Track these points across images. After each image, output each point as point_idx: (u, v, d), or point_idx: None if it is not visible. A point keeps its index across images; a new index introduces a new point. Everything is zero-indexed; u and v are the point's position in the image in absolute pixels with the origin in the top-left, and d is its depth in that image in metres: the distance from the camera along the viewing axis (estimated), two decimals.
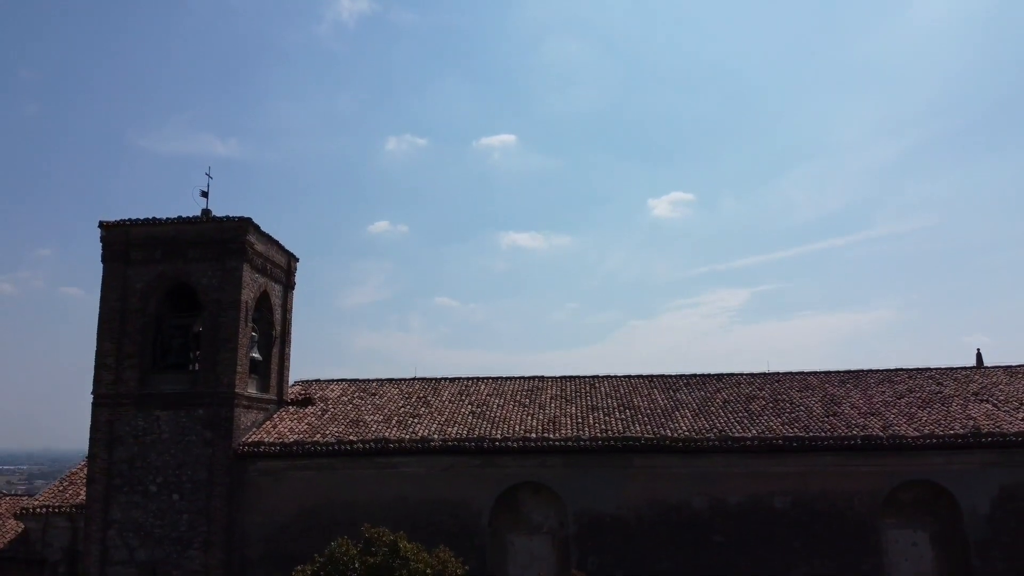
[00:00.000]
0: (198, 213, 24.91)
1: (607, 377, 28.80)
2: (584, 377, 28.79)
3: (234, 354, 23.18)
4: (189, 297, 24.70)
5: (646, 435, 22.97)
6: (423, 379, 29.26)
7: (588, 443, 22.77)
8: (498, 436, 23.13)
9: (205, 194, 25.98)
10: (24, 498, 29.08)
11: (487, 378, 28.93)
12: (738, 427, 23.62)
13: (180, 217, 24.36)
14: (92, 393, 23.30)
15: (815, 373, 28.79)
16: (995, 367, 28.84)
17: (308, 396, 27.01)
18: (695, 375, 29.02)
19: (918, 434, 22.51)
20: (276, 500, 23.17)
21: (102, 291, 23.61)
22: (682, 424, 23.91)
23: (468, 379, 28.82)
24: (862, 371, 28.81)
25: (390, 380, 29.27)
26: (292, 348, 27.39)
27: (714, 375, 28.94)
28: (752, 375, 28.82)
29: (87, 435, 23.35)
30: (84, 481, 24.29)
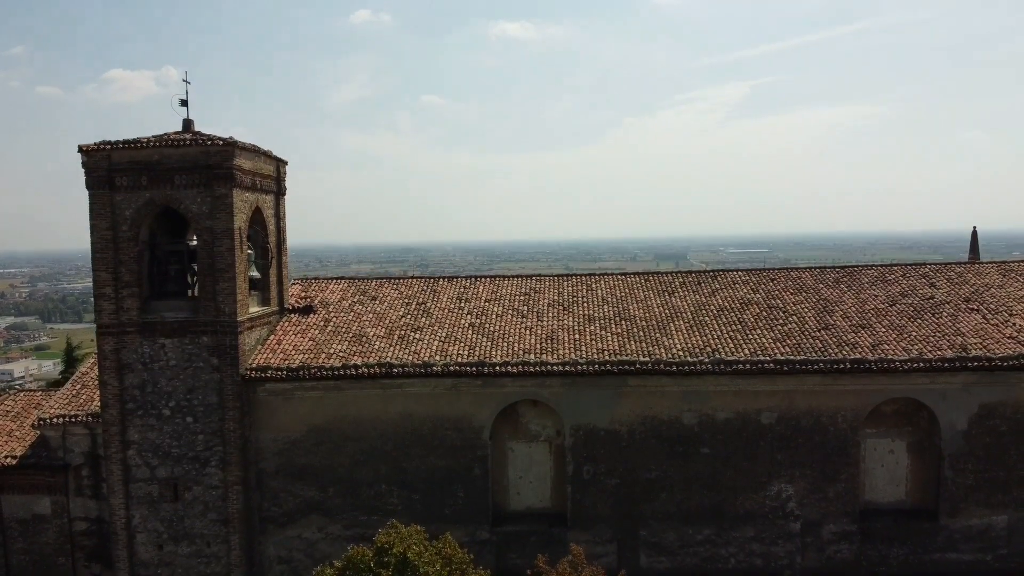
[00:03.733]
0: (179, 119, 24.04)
1: (604, 275, 29.10)
2: (580, 276, 29.07)
3: (233, 283, 23.15)
4: (181, 220, 24.26)
5: (641, 358, 23.59)
6: (421, 279, 29.50)
7: (585, 367, 23.43)
8: (498, 360, 23.71)
9: (184, 103, 24.86)
10: (38, 394, 30.12)
11: (484, 278, 29.18)
12: (731, 343, 24.21)
13: (163, 137, 23.44)
14: (95, 323, 23.54)
15: (810, 270, 29.10)
16: (989, 263, 29.12)
17: (309, 304, 27.26)
18: (691, 272, 29.35)
19: (906, 357, 23.16)
20: (286, 418, 24.16)
21: (91, 220, 23.10)
22: (676, 340, 24.47)
23: (466, 280, 29.05)
24: (856, 267, 29.12)
25: (388, 280, 29.51)
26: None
27: (709, 272, 29.26)
28: (748, 272, 29.13)
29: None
30: (96, 384, 25.12)
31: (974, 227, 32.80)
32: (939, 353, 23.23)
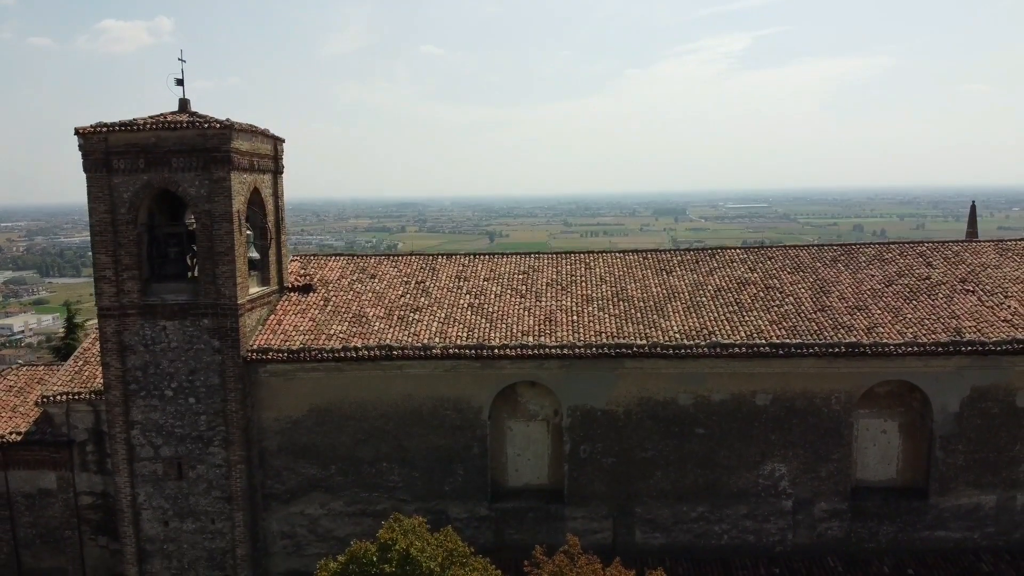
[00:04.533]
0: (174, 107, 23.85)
1: (602, 254, 29.17)
2: (579, 254, 29.15)
3: (232, 266, 23.22)
4: (179, 201, 24.25)
5: (638, 341, 23.80)
6: (420, 256, 29.57)
7: (582, 350, 23.66)
8: (496, 342, 23.93)
9: (180, 82, 24.67)
10: (41, 368, 30.44)
11: (483, 255, 29.27)
12: (727, 325, 24.41)
13: (159, 118, 23.29)
14: (96, 306, 23.68)
15: (807, 248, 29.18)
16: (987, 241, 29.19)
17: (308, 282, 27.37)
18: (689, 249, 29.46)
19: (900, 340, 23.39)
20: (288, 398, 24.45)
21: (89, 203, 23.08)
22: (673, 322, 24.67)
23: (465, 258, 29.13)
24: (854, 246, 29.18)
25: (387, 257, 29.59)
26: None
27: (707, 250, 29.37)
28: (746, 250, 29.26)
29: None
30: (99, 361, 25.39)
31: (972, 202, 32.81)
32: (933, 337, 23.45)
